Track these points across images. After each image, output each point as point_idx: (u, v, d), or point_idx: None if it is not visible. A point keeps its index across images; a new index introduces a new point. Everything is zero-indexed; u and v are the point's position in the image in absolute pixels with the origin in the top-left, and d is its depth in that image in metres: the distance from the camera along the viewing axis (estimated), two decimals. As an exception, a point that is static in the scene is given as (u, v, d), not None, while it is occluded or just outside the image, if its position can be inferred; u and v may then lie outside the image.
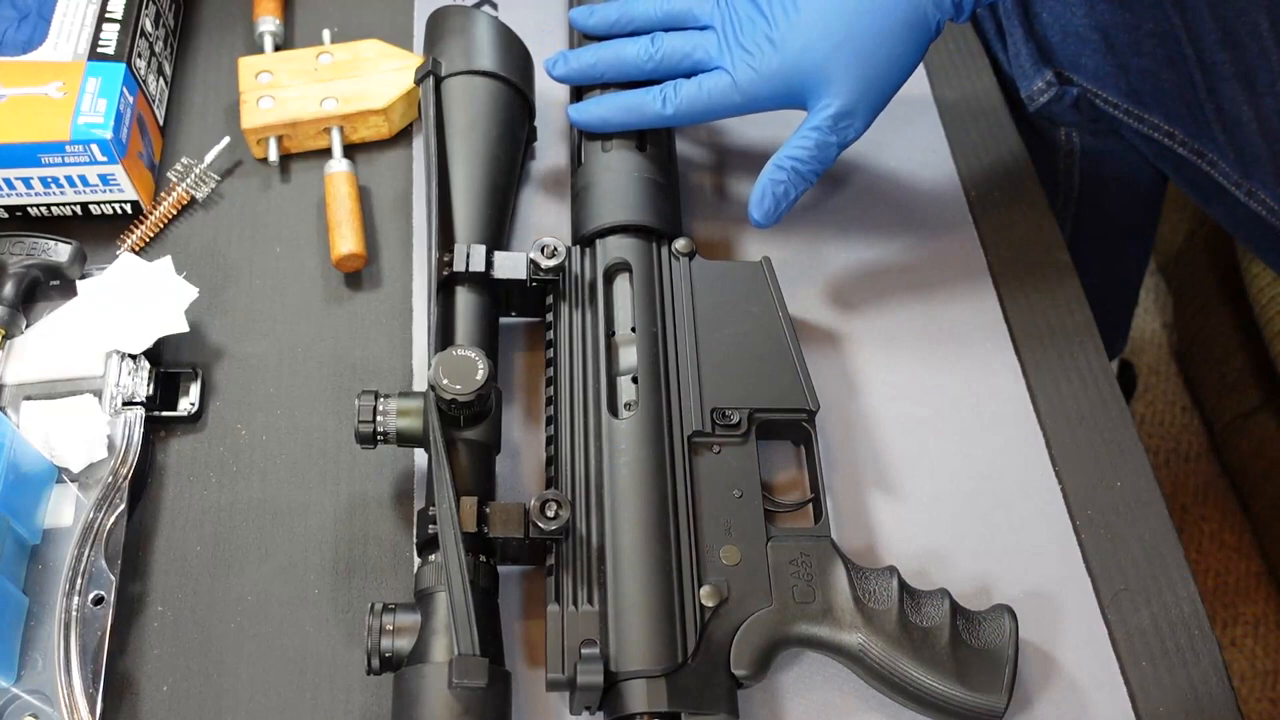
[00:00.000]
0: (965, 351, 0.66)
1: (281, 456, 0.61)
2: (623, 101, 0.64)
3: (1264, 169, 0.68)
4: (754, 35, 0.61)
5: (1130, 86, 0.72)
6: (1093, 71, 0.73)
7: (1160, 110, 0.72)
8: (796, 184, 0.62)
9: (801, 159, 0.61)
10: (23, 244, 0.63)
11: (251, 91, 0.71)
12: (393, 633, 0.51)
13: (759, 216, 0.62)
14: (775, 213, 0.62)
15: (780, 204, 0.62)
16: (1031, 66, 0.75)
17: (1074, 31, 0.72)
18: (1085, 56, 0.72)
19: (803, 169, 0.61)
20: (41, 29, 0.68)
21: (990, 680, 0.52)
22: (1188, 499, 1.31)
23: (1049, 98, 0.76)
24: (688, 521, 0.55)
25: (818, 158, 0.61)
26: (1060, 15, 0.72)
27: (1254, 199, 0.70)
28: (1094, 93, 0.74)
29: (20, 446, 0.56)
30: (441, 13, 0.70)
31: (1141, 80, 0.71)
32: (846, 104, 0.60)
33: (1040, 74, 0.75)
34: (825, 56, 0.59)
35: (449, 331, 0.59)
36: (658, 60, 0.64)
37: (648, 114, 0.64)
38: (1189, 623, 0.57)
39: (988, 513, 0.60)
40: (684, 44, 0.63)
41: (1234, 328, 1.17)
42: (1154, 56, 0.69)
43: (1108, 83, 0.73)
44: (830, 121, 0.60)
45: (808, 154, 0.61)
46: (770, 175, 0.62)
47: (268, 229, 0.69)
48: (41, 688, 0.52)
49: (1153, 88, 0.71)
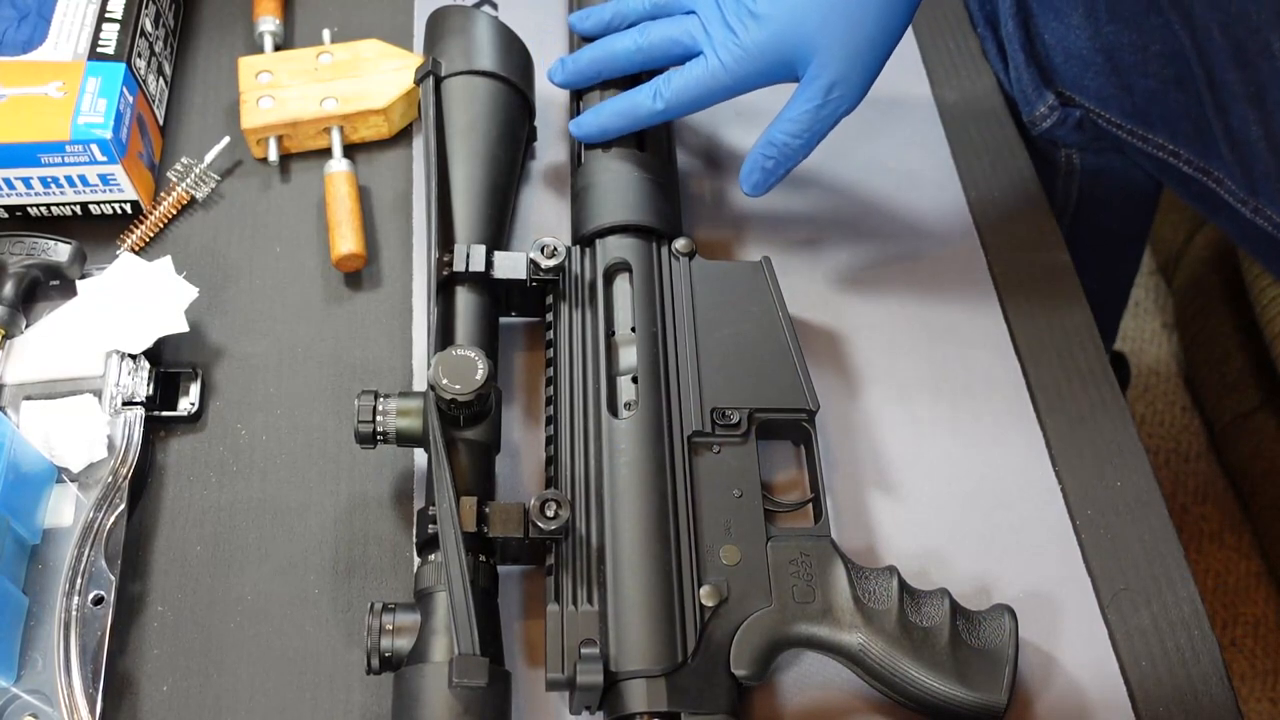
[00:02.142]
0: (965, 351, 0.66)
1: (281, 456, 0.61)
2: (616, 107, 0.64)
3: (1272, 186, 0.67)
4: (736, 11, 0.60)
5: (1135, 107, 0.72)
6: (1096, 92, 0.73)
7: (1165, 129, 0.72)
8: (787, 159, 0.61)
9: (793, 133, 0.60)
10: (23, 244, 0.63)
11: (251, 91, 0.71)
12: (392, 632, 0.51)
13: (748, 189, 0.62)
14: (764, 185, 0.62)
15: (769, 178, 0.62)
16: (1033, 90, 0.75)
17: (1077, 54, 0.72)
18: (1089, 78, 0.72)
19: (794, 143, 0.61)
20: (41, 29, 0.68)
21: (990, 680, 0.52)
22: (1188, 499, 1.31)
23: (1052, 122, 0.76)
24: (688, 521, 0.55)
25: (810, 130, 0.60)
26: (1063, 37, 0.72)
27: (1260, 215, 0.70)
28: (1097, 113, 0.74)
29: (20, 446, 0.56)
30: (441, 13, 0.70)
31: (1147, 100, 0.71)
32: (837, 73, 0.59)
33: (1042, 97, 0.75)
34: (811, 26, 0.58)
35: (449, 331, 0.59)
36: (646, 50, 0.64)
37: (641, 113, 0.63)
38: (1189, 623, 0.57)
39: (988, 513, 0.60)
40: (671, 30, 0.63)
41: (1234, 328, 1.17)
42: (1161, 77, 0.69)
43: (1111, 103, 0.73)
44: (821, 93, 0.59)
45: (799, 127, 0.60)
46: (761, 150, 0.62)
47: (268, 229, 0.69)
48: (41, 687, 0.52)
49: (1159, 108, 0.71)
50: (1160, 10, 0.66)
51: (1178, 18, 0.65)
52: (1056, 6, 0.71)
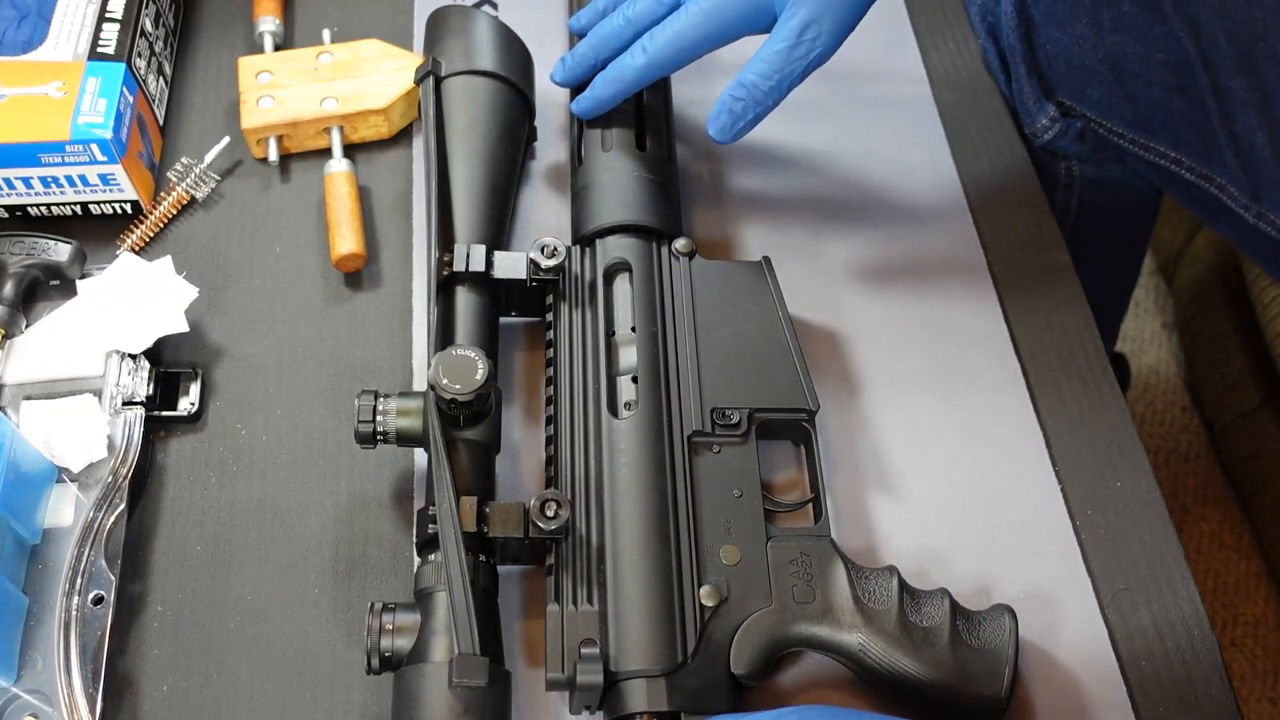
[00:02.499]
0: (965, 351, 0.66)
1: (281, 456, 0.61)
2: (606, 75, 0.64)
3: (1276, 191, 0.67)
4: None
5: (1137, 115, 0.72)
6: (1098, 102, 0.73)
7: (1168, 138, 0.72)
8: (757, 103, 0.61)
9: (763, 73, 0.60)
10: (23, 244, 0.63)
11: (251, 91, 0.71)
12: (392, 632, 0.51)
13: (714, 133, 0.62)
14: (731, 130, 0.62)
15: (738, 122, 0.61)
16: (1034, 101, 0.75)
17: (1079, 64, 0.72)
18: (1090, 87, 0.72)
19: (764, 85, 0.60)
20: (41, 29, 0.68)
21: (990, 680, 0.52)
22: (1188, 499, 1.31)
23: (1053, 134, 0.76)
24: (688, 521, 0.55)
25: (781, 72, 0.60)
26: (1065, 48, 0.72)
27: (1264, 220, 0.70)
28: (1099, 123, 0.74)
29: (20, 446, 0.56)
30: (441, 13, 0.70)
31: (1150, 109, 0.71)
32: (811, 13, 0.58)
33: (1044, 109, 0.75)
34: None
35: (449, 331, 0.59)
36: (634, 19, 0.64)
37: (629, 74, 0.63)
38: (1189, 623, 0.57)
39: (988, 513, 0.60)
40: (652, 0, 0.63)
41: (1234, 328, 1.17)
42: (1165, 85, 0.69)
43: (1113, 113, 0.73)
44: (794, 34, 0.59)
45: (770, 68, 0.60)
46: (730, 92, 0.61)
47: (268, 229, 0.69)
48: (41, 687, 0.52)
49: (1162, 116, 0.71)
50: (1165, 19, 0.66)
51: (1183, 26, 0.65)
52: (1060, 17, 0.71)
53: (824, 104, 0.75)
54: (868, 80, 0.77)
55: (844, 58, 0.61)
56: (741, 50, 0.63)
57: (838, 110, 0.75)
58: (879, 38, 0.78)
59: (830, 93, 0.75)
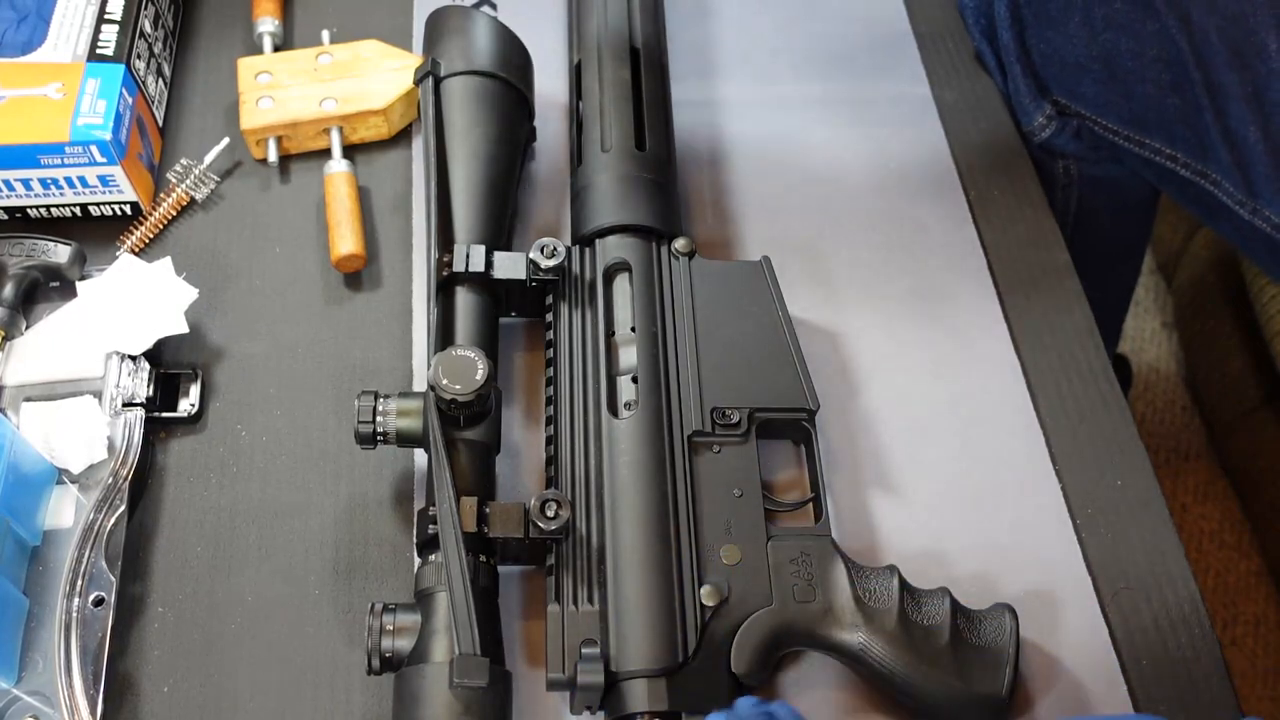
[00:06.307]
0: (965, 351, 0.66)
1: (282, 457, 0.61)
2: None
3: (1270, 187, 0.68)
4: None
5: (1132, 112, 0.72)
6: (1093, 100, 0.73)
7: (1163, 134, 0.72)
8: None
9: None
10: (22, 245, 0.63)
11: (251, 92, 0.71)
12: (393, 633, 0.51)
13: None
14: None
15: None
16: (1030, 101, 0.75)
17: (1074, 62, 0.72)
18: (1085, 85, 0.73)
19: None
20: (41, 30, 0.68)
21: (991, 679, 0.52)
22: (1188, 499, 1.31)
23: (1050, 132, 0.76)
24: (688, 521, 0.55)
25: None
26: (1059, 47, 0.72)
27: (1259, 216, 0.70)
28: (1094, 121, 0.74)
29: (20, 447, 0.56)
30: (441, 13, 0.70)
31: (1144, 106, 0.71)
32: None
33: (1040, 108, 0.75)
34: None
35: (449, 332, 0.59)
36: None
37: None
38: (1189, 621, 0.57)
39: (988, 512, 0.60)
40: None
41: (1234, 327, 1.17)
42: (1159, 82, 0.69)
43: (1108, 110, 0.73)
44: None
45: None
46: None
47: (267, 229, 0.69)
48: (42, 689, 0.52)
49: (1156, 112, 0.71)
50: (1158, 15, 0.66)
51: (1175, 22, 0.65)
52: (1052, 16, 0.71)
53: (824, 104, 0.75)
54: (868, 80, 0.77)
55: (844, 57, 0.61)
56: (741, 50, 0.63)
57: (838, 110, 0.75)
58: (879, 38, 0.78)
59: (830, 93, 0.75)
